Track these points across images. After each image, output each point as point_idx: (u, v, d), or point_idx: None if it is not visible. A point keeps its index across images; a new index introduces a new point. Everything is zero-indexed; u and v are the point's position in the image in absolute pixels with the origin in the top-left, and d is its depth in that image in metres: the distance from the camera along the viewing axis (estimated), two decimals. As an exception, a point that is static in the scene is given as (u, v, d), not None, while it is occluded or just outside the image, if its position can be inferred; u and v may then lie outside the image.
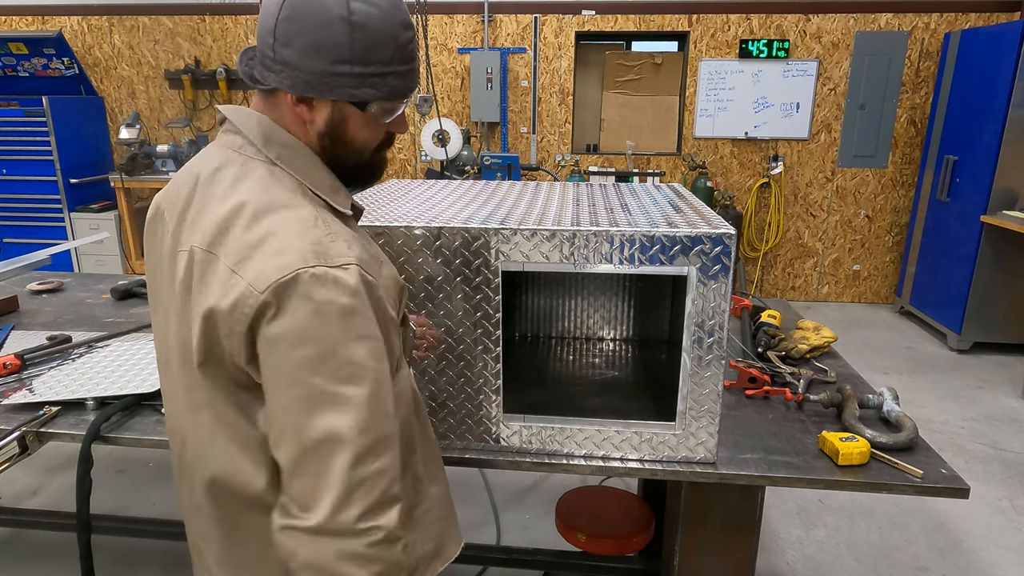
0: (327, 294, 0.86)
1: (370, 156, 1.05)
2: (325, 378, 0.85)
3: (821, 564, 2.59)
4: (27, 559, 2.59)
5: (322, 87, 0.94)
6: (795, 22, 5.33)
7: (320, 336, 0.85)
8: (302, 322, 0.85)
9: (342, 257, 0.89)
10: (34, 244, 5.41)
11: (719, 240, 1.24)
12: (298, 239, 0.88)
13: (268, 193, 0.94)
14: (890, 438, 1.45)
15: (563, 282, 2.03)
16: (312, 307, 0.85)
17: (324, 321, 0.85)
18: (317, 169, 1.00)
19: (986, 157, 4.48)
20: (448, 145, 4.68)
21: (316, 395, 0.85)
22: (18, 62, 5.60)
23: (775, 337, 1.97)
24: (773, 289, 5.91)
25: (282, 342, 0.86)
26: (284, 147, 0.98)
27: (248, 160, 0.98)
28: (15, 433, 1.44)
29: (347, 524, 0.84)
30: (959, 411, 3.83)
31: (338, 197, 1.02)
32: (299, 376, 0.85)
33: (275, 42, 0.93)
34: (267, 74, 0.96)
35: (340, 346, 0.86)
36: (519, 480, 3.09)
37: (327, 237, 0.90)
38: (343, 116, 0.98)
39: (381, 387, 0.90)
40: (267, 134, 0.98)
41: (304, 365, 0.85)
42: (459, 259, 1.32)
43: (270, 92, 0.98)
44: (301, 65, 0.93)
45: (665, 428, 1.37)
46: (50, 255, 2.77)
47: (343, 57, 0.93)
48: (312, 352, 0.85)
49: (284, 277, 0.85)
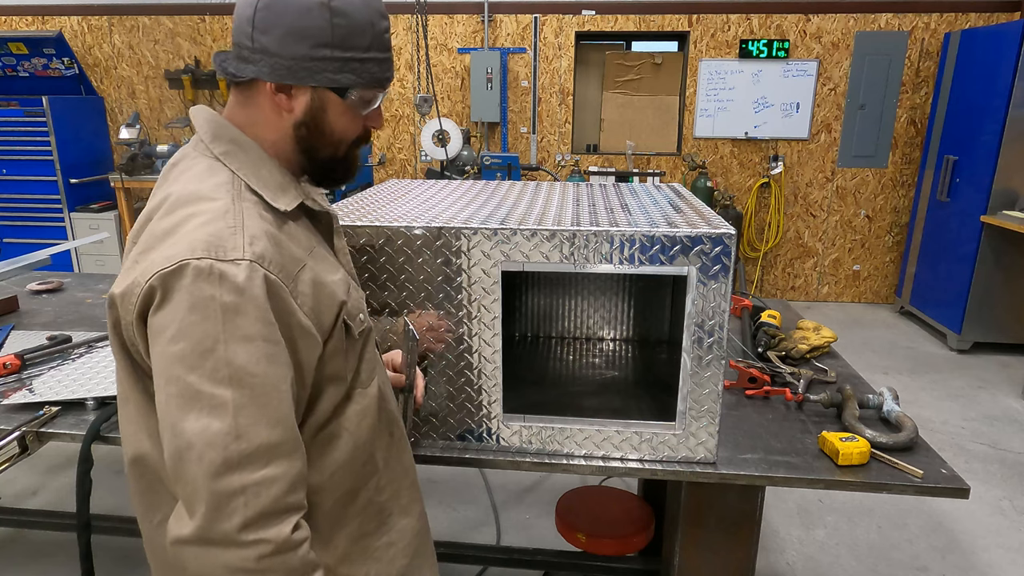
0: (209, 289, 0.83)
1: (346, 150, 1.04)
2: (200, 377, 0.82)
3: (821, 564, 2.59)
4: (27, 559, 2.59)
5: (302, 72, 0.94)
6: (795, 22, 5.33)
7: (198, 332, 0.82)
8: (181, 315, 0.82)
9: (236, 251, 0.85)
10: (34, 244, 5.40)
11: (719, 240, 1.24)
12: (197, 231, 0.86)
13: (194, 186, 0.93)
14: (890, 438, 1.44)
15: (563, 282, 2.03)
16: (191, 301, 0.82)
17: (203, 316, 0.82)
18: (266, 166, 0.99)
19: (986, 157, 4.48)
20: (448, 145, 4.68)
21: (190, 393, 0.82)
22: (18, 62, 5.60)
23: (775, 337, 1.97)
24: (773, 289, 5.91)
25: (162, 334, 0.83)
26: (231, 143, 0.98)
27: (197, 157, 0.98)
28: (15, 433, 1.44)
29: (229, 534, 0.80)
30: (959, 411, 3.83)
31: (283, 196, 0.98)
32: (175, 371, 0.82)
33: (254, 30, 0.93)
34: (244, 66, 0.96)
35: (219, 345, 0.82)
36: (519, 480, 3.09)
37: (228, 230, 0.87)
38: (322, 103, 0.98)
39: (268, 392, 0.84)
40: (215, 131, 0.98)
41: (180, 360, 0.82)
42: (459, 259, 1.32)
43: (247, 86, 0.98)
44: (281, 51, 0.93)
45: (665, 428, 1.37)
46: (50, 255, 2.77)
47: (323, 42, 0.93)
48: (188, 348, 0.82)
49: (168, 267, 0.83)
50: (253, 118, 0.99)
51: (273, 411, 0.85)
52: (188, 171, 0.97)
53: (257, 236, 0.89)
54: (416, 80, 5.66)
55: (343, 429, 1.03)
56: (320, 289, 0.96)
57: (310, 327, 0.93)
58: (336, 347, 0.99)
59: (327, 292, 0.97)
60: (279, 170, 1.00)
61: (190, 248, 0.84)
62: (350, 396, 1.04)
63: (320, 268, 0.98)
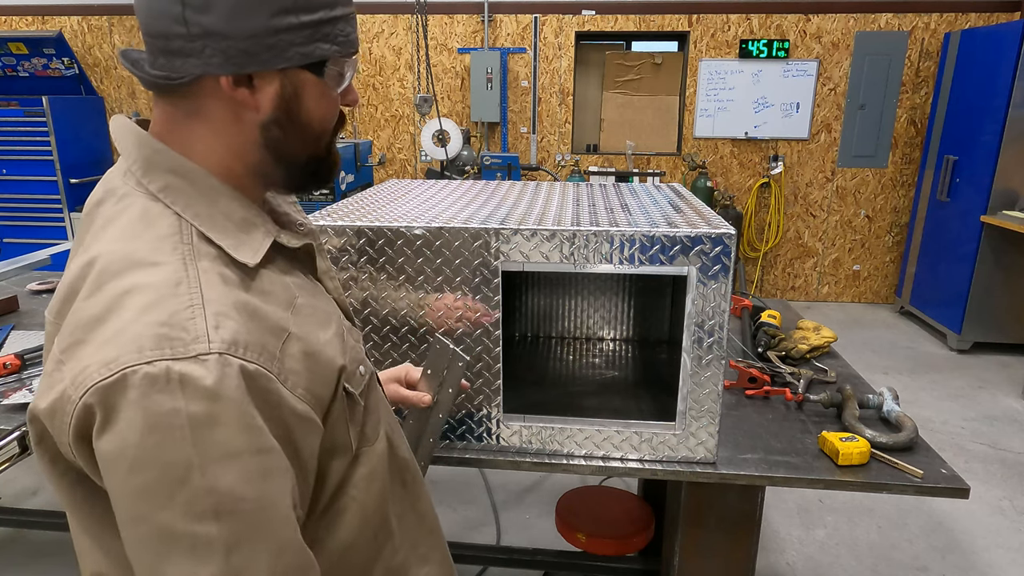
0: (169, 401, 0.61)
1: (327, 142, 0.83)
2: (175, 515, 0.62)
3: (821, 564, 2.59)
4: (27, 559, 2.59)
5: (267, 53, 0.71)
6: (795, 22, 5.33)
7: (163, 459, 0.61)
8: (136, 439, 0.61)
9: (199, 343, 0.63)
10: (34, 244, 5.40)
11: (719, 240, 1.24)
12: (142, 317, 0.64)
13: (127, 244, 0.70)
14: (890, 438, 1.45)
15: (563, 282, 2.03)
16: (147, 420, 0.61)
17: (166, 437, 0.61)
18: (221, 200, 0.75)
19: (986, 157, 4.48)
20: (448, 145, 4.68)
21: (165, 536, 0.62)
22: (18, 62, 5.60)
23: (775, 337, 1.97)
24: (773, 289, 5.91)
25: (116, 464, 0.62)
26: (172, 174, 0.74)
27: (128, 194, 0.74)
28: (15, 433, 1.44)
29: None
30: (959, 411, 3.83)
31: (247, 239, 0.75)
32: (140, 510, 0.63)
33: (185, 9, 0.68)
34: (181, 61, 0.71)
35: (194, 472, 0.62)
36: (519, 480, 3.09)
37: (185, 312, 0.65)
38: (295, 89, 0.75)
39: (266, 516, 0.66)
40: (148, 158, 0.74)
41: (145, 496, 0.62)
42: (459, 259, 1.32)
43: (186, 89, 0.73)
44: (232, 31, 0.69)
45: (665, 428, 1.37)
46: (50, 255, 2.77)
47: (285, 6, 0.71)
48: (153, 479, 0.62)
49: (108, 378, 0.61)
50: (197, 132, 0.75)
51: (275, 538, 0.67)
52: (116, 219, 0.72)
53: (223, 313, 0.67)
54: (416, 80, 5.66)
55: (351, 500, 0.85)
56: (313, 360, 0.75)
57: (307, 412, 0.73)
58: (338, 416, 0.80)
59: (322, 361, 0.77)
60: (240, 202, 0.77)
61: (135, 347, 0.62)
62: (357, 459, 0.85)
63: (308, 328, 0.77)
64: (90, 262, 0.70)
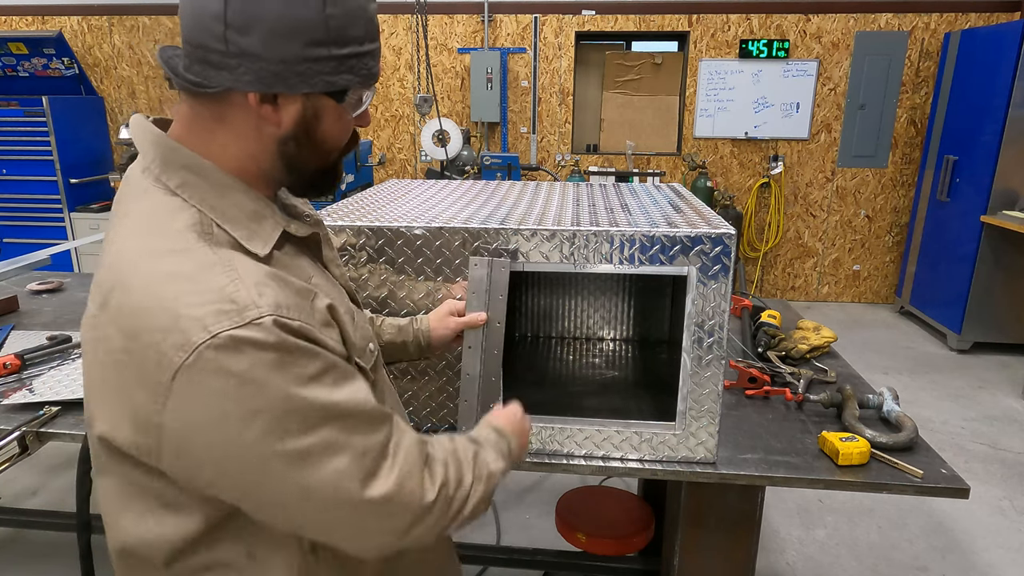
0: (245, 361, 0.71)
1: (336, 158, 0.91)
2: (295, 438, 0.73)
3: (821, 564, 2.59)
4: (27, 559, 2.59)
5: (295, 78, 0.79)
6: (795, 22, 5.33)
7: (262, 404, 0.72)
8: (233, 401, 0.71)
9: (251, 309, 0.72)
10: (34, 244, 5.40)
11: (719, 240, 1.24)
12: (190, 298, 0.72)
13: (157, 236, 0.77)
14: (890, 438, 1.44)
15: (563, 282, 2.03)
16: (234, 381, 0.71)
17: (256, 388, 0.71)
18: (232, 194, 0.82)
19: (986, 157, 4.48)
20: (448, 145, 4.68)
21: (297, 458, 0.73)
22: (18, 62, 5.60)
23: (775, 337, 1.97)
24: (773, 289, 5.91)
25: (222, 429, 0.72)
26: (187, 171, 0.81)
27: (147, 190, 0.81)
28: (15, 433, 1.44)
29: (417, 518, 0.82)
30: (959, 411, 3.83)
31: (258, 229, 0.83)
32: (265, 452, 0.73)
33: (227, 29, 0.75)
34: (214, 73, 0.78)
35: (292, 400, 0.73)
36: (519, 480, 3.09)
37: (231, 286, 0.73)
38: (316, 112, 0.83)
39: (359, 405, 0.79)
40: (165, 156, 0.81)
41: (264, 439, 0.72)
42: (459, 259, 1.32)
43: (215, 97, 0.80)
44: (267, 54, 0.76)
45: (665, 428, 1.37)
46: (50, 255, 2.77)
47: (317, 38, 0.78)
48: (264, 423, 0.72)
49: (187, 359, 0.70)
50: (218, 135, 0.82)
51: (369, 416, 0.80)
52: (140, 213, 0.80)
53: (260, 283, 0.75)
54: (416, 80, 5.66)
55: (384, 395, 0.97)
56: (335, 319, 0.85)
57: (343, 353, 0.84)
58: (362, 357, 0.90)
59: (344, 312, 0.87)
60: (250, 196, 0.83)
61: (199, 326, 0.70)
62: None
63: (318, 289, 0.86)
64: (123, 253, 0.77)
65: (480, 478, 0.91)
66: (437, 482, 0.85)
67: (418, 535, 0.84)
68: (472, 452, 0.94)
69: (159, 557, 0.82)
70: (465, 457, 0.92)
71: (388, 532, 0.82)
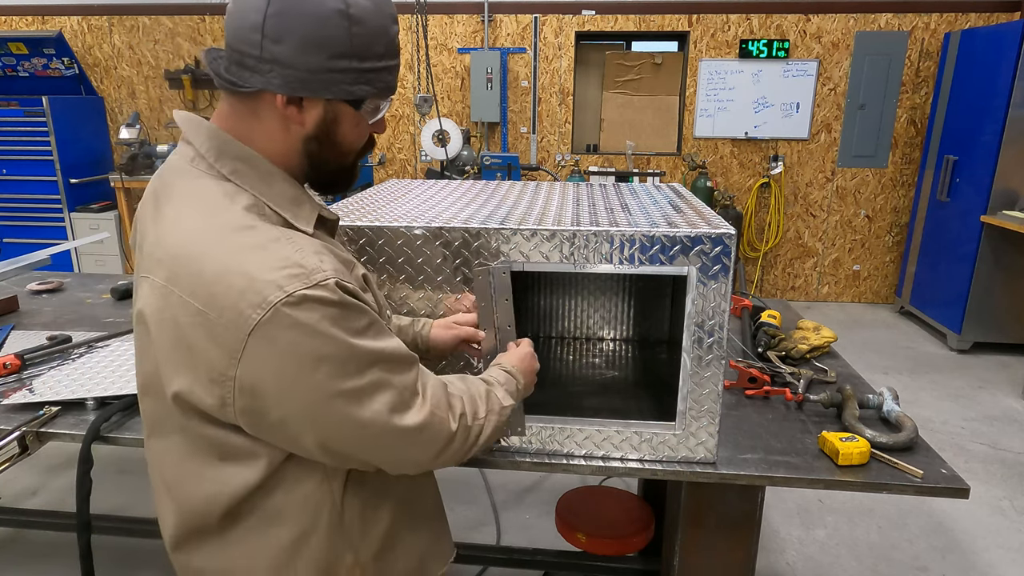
0: (314, 315, 0.84)
1: (353, 159, 1.02)
2: (353, 377, 0.88)
3: (821, 564, 2.59)
4: (27, 559, 2.59)
5: (317, 85, 0.90)
6: (795, 22, 5.33)
7: (330, 350, 0.86)
8: (306, 348, 0.84)
9: (317, 273, 0.86)
10: (34, 244, 5.41)
11: (719, 240, 1.24)
12: (265, 263, 0.84)
13: (221, 215, 0.89)
14: (890, 438, 1.44)
15: (563, 282, 2.03)
16: (306, 331, 0.84)
17: (323, 338, 0.85)
18: (276, 182, 0.95)
19: (986, 157, 4.48)
20: (448, 145, 4.68)
21: (353, 395, 0.88)
22: (18, 62, 5.60)
23: (775, 337, 1.97)
24: (773, 289, 5.91)
25: (297, 375, 0.85)
26: (238, 160, 0.93)
27: (199, 176, 0.92)
28: (15, 433, 1.44)
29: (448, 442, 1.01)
30: (959, 411, 3.83)
31: (300, 211, 0.96)
32: (330, 391, 0.87)
33: (263, 38, 0.87)
34: (249, 75, 0.90)
35: (352, 347, 0.88)
36: (519, 480, 3.09)
37: (297, 254, 0.86)
38: (335, 116, 0.94)
39: (397, 350, 0.95)
40: (219, 147, 0.93)
41: (330, 380, 0.86)
42: (459, 259, 1.32)
43: (249, 96, 0.92)
44: (295, 62, 0.88)
45: (665, 428, 1.37)
46: (50, 255, 2.77)
47: (341, 52, 0.89)
48: (330, 367, 0.86)
49: (264, 316, 0.82)
50: (255, 130, 0.94)
51: (407, 361, 0.96)
52: (198, 196, 0.91)
53: (319, 252, 0.89)
54: (416, 80, 5.66)
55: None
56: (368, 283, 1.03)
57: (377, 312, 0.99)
58: None
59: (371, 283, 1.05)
60: (289, 182, 0.97)
61: (275, 287, 0.83)
62: None
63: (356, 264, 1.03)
64: (193, 230, 0.88)
65: (492, 411, 1.09)
66: (457, 414, 1.02)
67: (446, 459, 1.02)
68: (484, 390, 1.11)
69: (217, 511, 0.95)
70: (478, 394, 1.09)
71: (423, 455, 0.99)
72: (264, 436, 0.91)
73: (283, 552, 0.98)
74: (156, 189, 0.96)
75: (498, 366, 1.22)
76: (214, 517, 0.96)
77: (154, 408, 0.96)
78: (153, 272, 0.90)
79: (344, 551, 1.02)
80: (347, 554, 1.02)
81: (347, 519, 1.02)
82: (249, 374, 0.84)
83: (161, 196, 0.94)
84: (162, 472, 1.00)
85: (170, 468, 0.98)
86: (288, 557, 0.98)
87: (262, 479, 0.94)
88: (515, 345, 1.31)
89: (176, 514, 0.99)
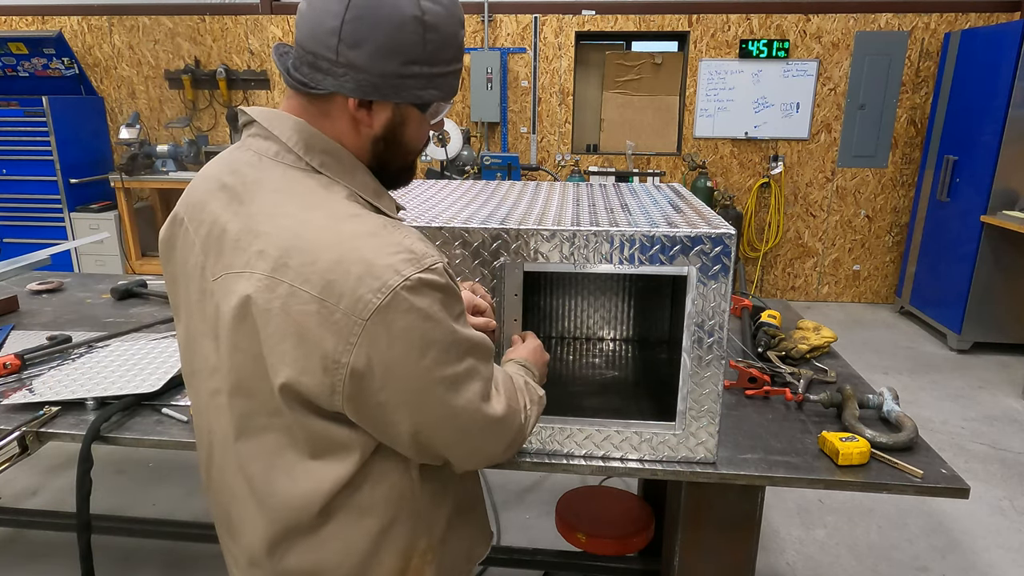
0: (427, 299, 0.86)
1: (414, 158, 1.05)
2: (453, 365, 0.90)
3: (821, 564, 2.59)
4: (27, 559, 2.59)
5: (389, 89, 0.92)
6: (795, 22, 5.33)
7: (438, 335, 0.88)
8: (419, 332, 0.86)
9: (428, 258, 0.88)
10: (34, 244, 5.41)
11: (719, 240, 1.24)
12: (384, 250, 0.86)
13: (324, 205, 0.90)
14: (890, 438, 1.44)
15: (563, 282, 2.03)
16: (421, 315, 0.85)
17: (435, 322, 0.87)
18: (360, 174, 0.97)
19: (986, 157, 4.48)
20: (448, 145, 4.68)
21: (450, 380, 0.90)
22: (18, 62, 5.60)
23: (775, 337, 1.97)
24: (773, 289, 5.91)
25: (408, 357, 0.86)
26: (326, 154, 0.94)
27: (288, 169, 0.94)
28: (15, 433, 1.44)
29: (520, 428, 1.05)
30: (959, 411, 3.83)
31: (384, 201, 0.99)
32: (435, 376, 0.89)
33: (340, 43, 0.88)
34: (322, 77, 0.91)
35: (455, 333, 0.90)
36: (519, 480, 3.09)
37: (406, 240, 0.88)
38: (403, 119, 0.96)
39: (485, 344, 0.96)
40: (308, 140, 0.94)
41: (436, 364, 0.88)
42: (459, 259, 1.32)
43: (320, 96, 0.93)
44: (370, 68, 0.89)
45: (665, 428, 1.37)
46: (50, 255, 2.77)
47: (414, 58, 0.91)
48: (438, 351, 0.88)
49: (384, 300, 0.83)
50: (326, 129, 0.96)
51: (490, 352, 0.99)
52: (293, 189, 0.92)
53: (421, 239, 0.91)
54: (416, 80, 5.66)
55: None
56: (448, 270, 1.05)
57: None
58: None
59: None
60: (368, 175, 0.99)
61: (393, 271, 0.84)
62: None
63: None
64: (297, 223, 0.88)
65: (533, 402, 1.11)
66: (522, 405, 1.06)
67: (510, 451, 1.05)
68: (523, 382, 1.12)
69: (314, 508, 0.95)
70: (519, 385, 1.10)
71: (497, 446, 1.02)
72: (363, 422, 0.91)
73: (372, 542, 0.99)
74: (229, 184, 0.95)
75: (512, 361, 1.22)
76: (310, 514, 0.96)
77: (246, 407, 0.94)
78: (252, 265, 0.89)
79: (420, 536, 1.05)
80: (422, 539, 1.05)
81: (422, 506, 1.04)
82: (362, 359, 0.85)
83: (241, 190, 0.94)
84: (249, 475, 0.98)
85: (260, 470, 0.96)
86: (376, 546, 1.00)
87: (354, 473, 0.95)
88: (520, 339, 1.32)
89: (267, 517, 0.98)
